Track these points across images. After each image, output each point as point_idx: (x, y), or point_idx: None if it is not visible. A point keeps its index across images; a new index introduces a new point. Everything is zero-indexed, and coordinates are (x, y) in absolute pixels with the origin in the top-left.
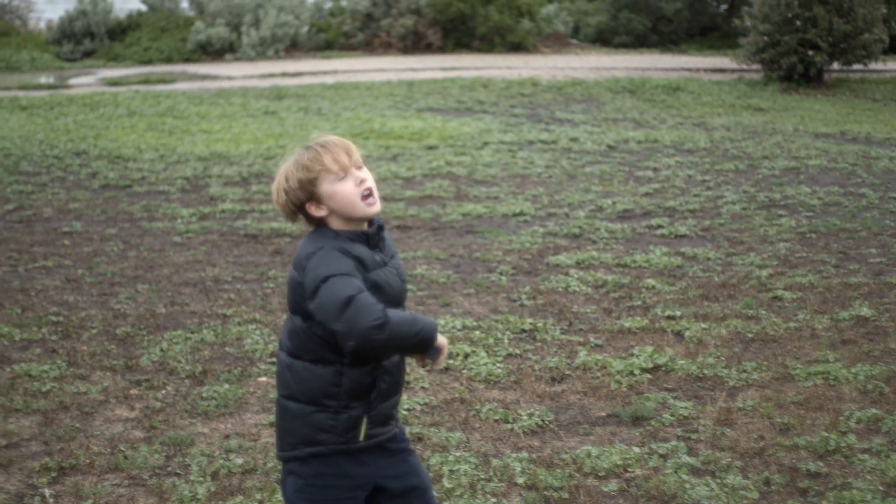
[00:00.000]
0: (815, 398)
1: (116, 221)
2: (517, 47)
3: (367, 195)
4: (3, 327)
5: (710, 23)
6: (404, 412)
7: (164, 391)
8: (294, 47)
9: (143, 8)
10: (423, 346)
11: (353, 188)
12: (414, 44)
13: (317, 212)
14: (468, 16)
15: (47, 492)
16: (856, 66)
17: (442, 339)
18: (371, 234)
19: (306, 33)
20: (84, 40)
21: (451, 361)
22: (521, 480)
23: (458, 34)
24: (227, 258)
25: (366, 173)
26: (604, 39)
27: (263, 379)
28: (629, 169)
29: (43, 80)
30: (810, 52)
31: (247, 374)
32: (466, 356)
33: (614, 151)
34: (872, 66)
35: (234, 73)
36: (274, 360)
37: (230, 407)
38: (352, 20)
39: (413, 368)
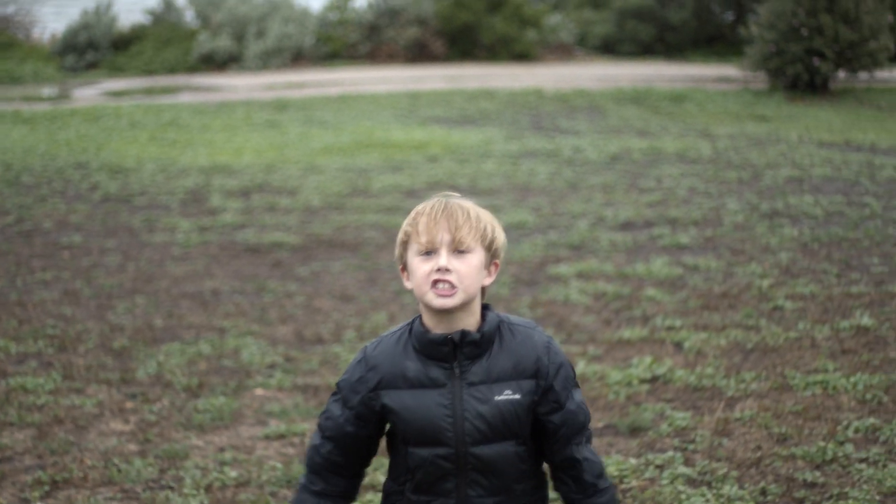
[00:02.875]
0: (814, 408)
1: (116, 234)
2: (522, 57)
3: (437, 284)
4: None
5: (716, 32)
6: None
7: (159, 404)
8: (299, 58)
9: (147, 20)
10: None
11: (427, 270)
12: (419, 53)
13: (405, 282)
14: (473, 26)
15: None
16: (861, 75)
17: None
18: (450, 346)
19: (311, 44)
20: (87, 52)
21: None
22: None
23: (463, 44)
24: (226, 270)
25: (461, 266)
26: (609, 48)
27: (259, 391)
28: (632, 179)
29: (45, 92)
30: (816, 61)
31: (243, 387)
32: None
33: (617, 161)
34: (878, 74)
35: (238, 84)
36: (270, 372)
37: (225, 420)
38: (357, 30)
39: None
